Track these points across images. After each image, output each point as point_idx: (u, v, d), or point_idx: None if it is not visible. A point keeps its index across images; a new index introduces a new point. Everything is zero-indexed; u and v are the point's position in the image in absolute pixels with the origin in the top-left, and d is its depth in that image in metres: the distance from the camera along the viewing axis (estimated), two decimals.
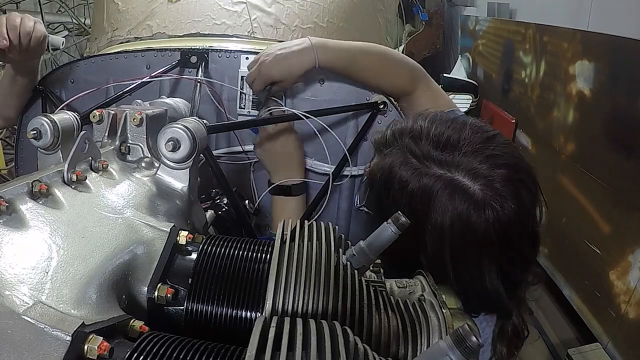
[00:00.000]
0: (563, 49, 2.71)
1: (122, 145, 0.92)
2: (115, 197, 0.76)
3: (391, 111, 1.43)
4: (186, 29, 1.54)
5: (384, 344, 0.61)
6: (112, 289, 0.61)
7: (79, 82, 1.50)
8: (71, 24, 5.29)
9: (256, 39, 1.53)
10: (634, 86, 2.09)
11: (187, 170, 0.87)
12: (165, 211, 0.82)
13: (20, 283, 0.52)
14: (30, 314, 0.49)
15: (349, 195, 1.50)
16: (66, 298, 0.54)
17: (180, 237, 0.71)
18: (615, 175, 2.16)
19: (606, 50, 2.32)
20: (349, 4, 1.64)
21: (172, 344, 0.53)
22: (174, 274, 0.68)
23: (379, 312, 0.63)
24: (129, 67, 1.47)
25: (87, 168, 0.77)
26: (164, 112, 1.04)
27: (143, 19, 1.58)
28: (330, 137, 1.43)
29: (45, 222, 0.61)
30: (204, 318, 0.65)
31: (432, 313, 0.64)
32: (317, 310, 0.58)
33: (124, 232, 0.70)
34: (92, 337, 0.49)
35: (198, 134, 0.85)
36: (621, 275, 2.05)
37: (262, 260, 0.69)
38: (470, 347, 0.44)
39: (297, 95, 1.45)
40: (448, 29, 5.79)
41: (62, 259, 0.58)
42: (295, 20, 1.55)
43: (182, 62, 1.44)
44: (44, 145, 0.80)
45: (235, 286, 0.66)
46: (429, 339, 0.61)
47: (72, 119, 0.84)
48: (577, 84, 2.53)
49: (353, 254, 0.70)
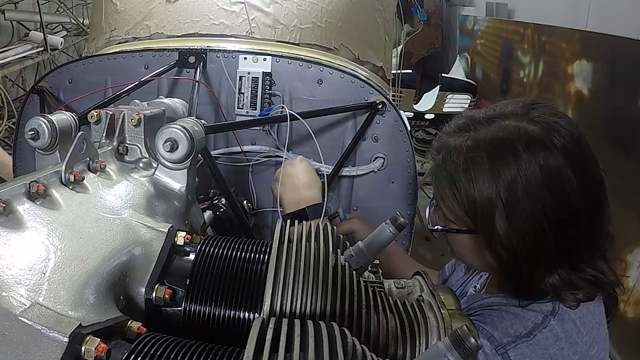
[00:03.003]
0: (561, 49, 2.71)
1: (119, 145, 0.92)
2: (113, 197, 0.76)
3: (389, 111, 1.43)
4: (184, 29, 1.54)
5: (382, 345, 0.60)
6: (109, 290, 0.61)
7: (77, 82, 1.50)
8: (69, 24, 5.29)
9: (254, 39, 1.53)
10: (632, 86, 2.09)
11: (185, 170, 0.87)
12: (163, 212, 0.81)
13: (18, 284, 0.52)
14: (27, 315, 0.49)
15: (348, 195, 1.50)
16: (63, 299, 0.54)
17: (178, 238, 0.71)
18: (614, 174, 2.16)
19: (604, 50, 2.32)
20: (348, 4, 1.64)
21: (169, 345, 0.53)
22: (172, 274, 0.68)
23: (378, 312, 0.63)
24: (127, 67, 1.46)
25: (84, 168, 0.77)
26: (162, 113, 1.04)
27: (141, 19, 1.58)
28: (328, 138, 1.43)
29: (42, 223, 0.61)
30: (201, 319, 0.65)
31: (430, 314, 0.64)
32: (315, 311, 0.58)
33: (122, 232, 0.70)
34: (89, 339, 0.49)
35: (196, 134, 0.85)
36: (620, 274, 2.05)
37: (260, 261, 0.69)
38: (468, 348, 0.44)
39: (296, 95, 1.45)
40: (446, 29, 5.79)
41: (59, 260, 0.57)
42: (294, 20, 1.54)
43: (180, 63, 1.44)
44: (42, 146, 0.80)
45: (233, 287, 0.66)
46: (427, 340, 0.61)
47: (69, 120, 0.84)
48: (576, 84, 2.53)
49: (351, 255, 0.70)
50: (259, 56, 1.44)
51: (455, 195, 0.93)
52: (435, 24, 5.71)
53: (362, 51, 1.65)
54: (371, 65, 1.70)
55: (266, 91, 1.43)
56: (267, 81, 1.43)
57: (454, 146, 0.95)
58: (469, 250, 0.97)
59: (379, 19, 1.78)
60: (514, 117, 0.93)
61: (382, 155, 1.46)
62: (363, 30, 1.70)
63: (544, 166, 0.87)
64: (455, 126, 0.99)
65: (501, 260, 0.92)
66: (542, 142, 0.88)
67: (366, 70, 1.67)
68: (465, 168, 0.91)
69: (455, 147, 0.94)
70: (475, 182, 0.90)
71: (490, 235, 0.90)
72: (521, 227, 0.88)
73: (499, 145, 0.90)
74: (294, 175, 1.27)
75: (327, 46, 1.56)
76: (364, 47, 1.67)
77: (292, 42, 1.52)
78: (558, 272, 0.90)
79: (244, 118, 1.46)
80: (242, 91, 1.45)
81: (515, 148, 0.88)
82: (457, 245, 1.01)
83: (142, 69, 1.46)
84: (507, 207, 0.88)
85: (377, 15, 1.77)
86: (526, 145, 0.88)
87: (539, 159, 0.87)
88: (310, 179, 1.28)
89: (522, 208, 0.87)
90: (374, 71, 1.71)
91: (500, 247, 0.90)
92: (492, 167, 0.89)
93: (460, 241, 0.99)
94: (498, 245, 0.90)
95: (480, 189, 0.89)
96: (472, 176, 0.90)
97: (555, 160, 0.87)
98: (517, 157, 0.88)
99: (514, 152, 0.88)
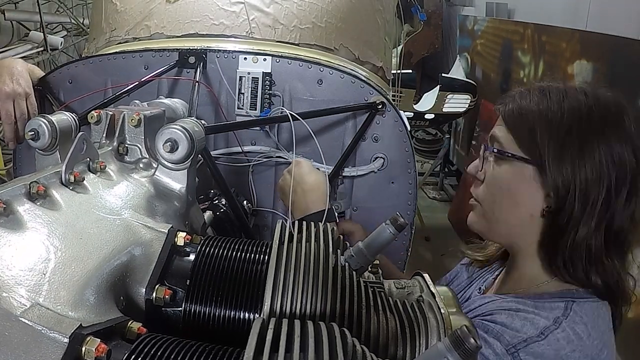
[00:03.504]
0: (561, 49, 2.71)
1: (120, 146, 0.92)
2: (113, 198, 0.76)
3: (389, 111, 1.43)
4: (184, 30, 1.54)
5: (382, 345, 0.60)
6: (110, 291, 0.61)
7: (77, 83, 1.50)
8: (69, 24, 5.29)
9: (254, 39, 1.53)
10: (632, 86, 2.09)
11: (185, 171, 0.87)
12: (163, 212, 0.82)
13: (18, 285, 0.52)
14: (27, 315, 0.49)
15: (348, 196, 1.50)
16: (64, 300, 0.54)
17: (178, 239, 0.71)
18: None
19: (604, 50, 2.32)
20: (347, 4, 1.64)
21: (169, 346, 0.53)
22: (172, 275, 0.68)
23: (377, 313, 0.63)
24: (127, 68, 1.46)
25: (85, 169, 0.77)
26: (162, 113, 1.04)
27: (141, 19, 1.58)
28: (328, 138, 1.43)
29: (42, 223, 0.61)
30: (202, 319, 0.65)
31: (430, 314, 0.64)
32: (315, 312, 0.58)
33: (122, 233, 0.70)
34: (89, 339, 0.49)
35: (196, 134, 0.85)
36: None
37: (261, 261, 0.69)
38: (468, 349, 0.44)
39: (296, 95, 1.45)
40: (446, 29, 5.79)
41: (59, 261, 0.58)
42: (294, 20, 1.54)
43: (180, 63, 1.44)
44: (42, 146, 0.80)
45: (234, 287, 0.66)
46: (427, 340, 0.61)
47: (70, 120, 0.84)
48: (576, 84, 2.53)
49: (351, 255, 0.70)
50: (259, 56, 1.44)
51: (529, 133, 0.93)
52: (435, 24, 5.72)
53: (362, 51, 1.65)
54: (371, 66, 1.70)
55: (266, 91, 1.43)
56: (267, 81, 1.43)
57: (535, 102, 0.96)
58: (515, 193, 0.96)
59: (379, 19, 1.78)
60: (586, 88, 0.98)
61: (382, 155, 1.46)
62: (363, 31, 1.70)
63: (625, 127, 0.92)
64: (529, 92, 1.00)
65: (546, 210, 0.92)
66: (615, 114, 0.93)
67: (366, 70, 1.67)
68: (544, 121, 0.93)
69: (536, 102, 0.96)
70: (551, 131, 0.91)
71: (552, 174, 0.90)
72: (586, 173, 0.89)
73: (579, 106, 0.93)
74: (300, 180, 1.25)
75: (327, 46, 1.56)
76: (364, 47, 1.67)
77: (292, 43, 1.52)
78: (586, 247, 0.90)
79: (244, 118, 1.46)
80: (242, 91, 1.45)
81: (593, 114, 0.92)
82: (499, 190, 0.99)
83: (142, 69, 1.46)
84: (577, 156, 0.90)
85: (377, 15, 1.77)
86: (605, 113, 0.92)
87: (614, 129, 0.91)
88: (314, 180, 1.26)
89: (592, 161, 0.89)
90: (374, 71, 1.71)
91: (554, 190, 0.90)
92: (571, 126, 0.91)
93: (509, 181, 0.97)
94: (553, 187, 0.90)
95: (553, 138, 0.91)
96: (549, 127, 0.92)
97: (626, 133, 0.92)
98: (593, 124, 0.91)
99: (590, 120, 0.91)
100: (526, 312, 0.91)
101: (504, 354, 0.86)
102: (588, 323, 0.90)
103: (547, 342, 0.87)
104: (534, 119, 0.94)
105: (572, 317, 0.89)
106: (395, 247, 1.49)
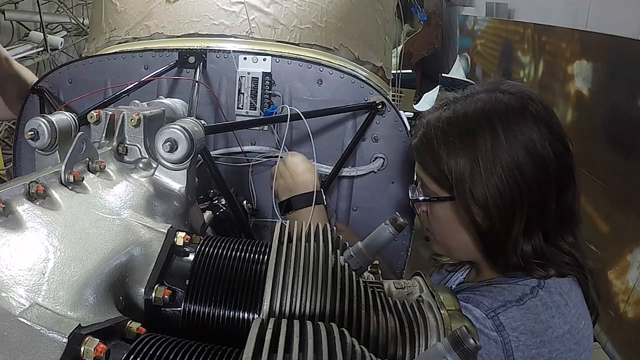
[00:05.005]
0: (561, 49, 2.71)
1: (119, 146, 0.92)
2: (112, 198, 0.76)
3: (389, 111, 1.42)
4: (184, 29, 1.54)
5: (381, 346, 0.60)
6: (109, 291, 0.61)
7: (77, 83, 1.50)
8: (69, 24, 5.28)
9: (254, 39, 1.53)
10: (632, 86, 2.09)
11: (185, 171, 0.87)
12: (162, 212, 0.81)
13: (17, 284, 0.52)
14: (26, 315, 0.49)
15: (348, 196, 1.50)
16: (63, 300, 0.54)
17: (177, 238, 0.71)
18: (614, 174, 2.16)
19: (604, 50, 2.32)
20: (347, 4, 1.64)
21: (169, 346, 0.53)
22: (172, 275, 0.68)
23: (377, 313, 0.63)
24: (126, 68, 1.46)
25: (84, 169, 0.77)
26: (161, 113, 1.04)
27: (141, 19, 1.58)
28: (328, 138, 1.43)
29: (42, 223, 0.61)
30: (201, 319, 0.65)
31: (430, 314, 0.64)
32: (314, 312, 0.58)
33: (121, 233, 0.70)
34: (88, 339, 0.49)
35: (196, 134, 0.85)
36: (620, 274, 2.05)
37: (260, 261, 0.69)
38: (468, 349, 0.44)
39: (296, 95, 1.45)
40: (446, 29, 5.80)
41: (58, 261, 0.57)
42: (294, 20, 1.54)
43: (180, 63, 1.44)
44: (42, 146, 0.80)
45: (233, 287, 0.66)
46: (427, 340, 0.61)
47: (69, 120, 0.84)
48: (576, 84, 2.54)
49: (351, 255, 0.70)
50: (259, 56, 1.44)
51: (435, 163, 0.99)
52: (435, 24, 5.72)
53: (362, 51, 1.65)
54: (371, 66, 1.70)
55: (266, 91, 1.43)
56: (267, 81, 1.43)
57: (433, 119, 1.02)
58: (449, 225, 1.02)
59: (379, 19, 1.78)
60: (485, 92, 1.00)
61: (382, 155, 1.46)
62: (363, 31, 1.70)
63: (522, 131, 0.93)
64: (432, 108, 1.07)
65: (479, 228, 0.96)
66: (516, 109, 0.95)
67: (366, 70, 1.67)
68: (444, 137, 0.97)
69: (434, 119, 1.02)
70: (453, 148, 0.95)
71: (469, 200, 0.95)
72: (498, 188, 0.93)
73: (475, 113, 0.96)
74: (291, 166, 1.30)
75: (327, 46, 1.56)
76: (363, 47, 1.67)
77: (292, 42, 1.52)
78: (531, 242, 0.95)
79: (244, 118, 1.46)
80: (242, 91, 1.45)
81: (492, 114, 0.95)
82: (438, 224, 1.05)
83: (142, 69, 1.46)
84: (485, 170, 0.93)
85: (377, 16, 1.77)
86: (503, 112, 0.95)
87: (516, 124, 0.93)
88: (305, 167, 1.31)
89: (500, 170, 0.92)
90: (373, 71, 1.71)
91: (478, 211, 0.95)
92: (470, 133, 0.95)
93: (441, 216, 1.03)
94: (476, 209, 0.95)
95: (458, 155, 0.95)
96: (451, 143, 0.96)
97: (530, 125, 0.93)
98: (492, 124, 0.94)
99: (490, 120, 0.94)
100: (503, 286, 0.96)
101: (484, 318, 0.88)
102: (563, 294, 0.93)
103: (526, 307, 0.90)
104: (434, 137, 0.99)
105: (547, 288, 0.93)
106: (395, 247, 1.49)
